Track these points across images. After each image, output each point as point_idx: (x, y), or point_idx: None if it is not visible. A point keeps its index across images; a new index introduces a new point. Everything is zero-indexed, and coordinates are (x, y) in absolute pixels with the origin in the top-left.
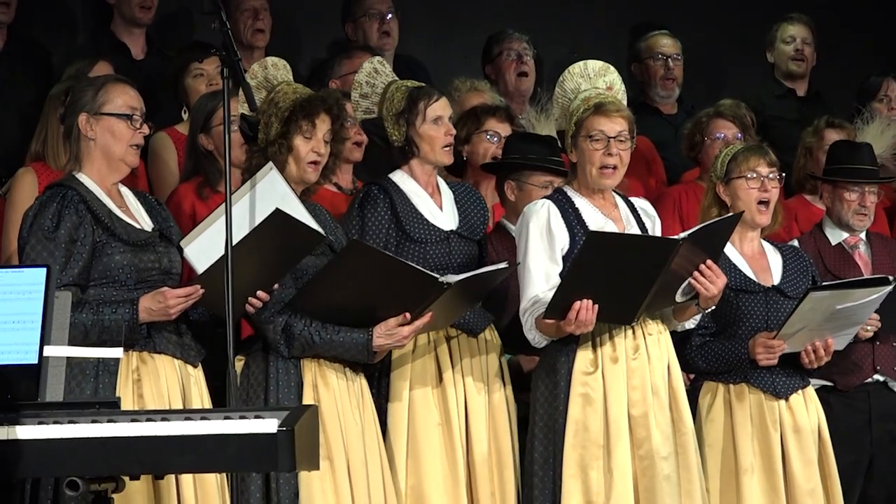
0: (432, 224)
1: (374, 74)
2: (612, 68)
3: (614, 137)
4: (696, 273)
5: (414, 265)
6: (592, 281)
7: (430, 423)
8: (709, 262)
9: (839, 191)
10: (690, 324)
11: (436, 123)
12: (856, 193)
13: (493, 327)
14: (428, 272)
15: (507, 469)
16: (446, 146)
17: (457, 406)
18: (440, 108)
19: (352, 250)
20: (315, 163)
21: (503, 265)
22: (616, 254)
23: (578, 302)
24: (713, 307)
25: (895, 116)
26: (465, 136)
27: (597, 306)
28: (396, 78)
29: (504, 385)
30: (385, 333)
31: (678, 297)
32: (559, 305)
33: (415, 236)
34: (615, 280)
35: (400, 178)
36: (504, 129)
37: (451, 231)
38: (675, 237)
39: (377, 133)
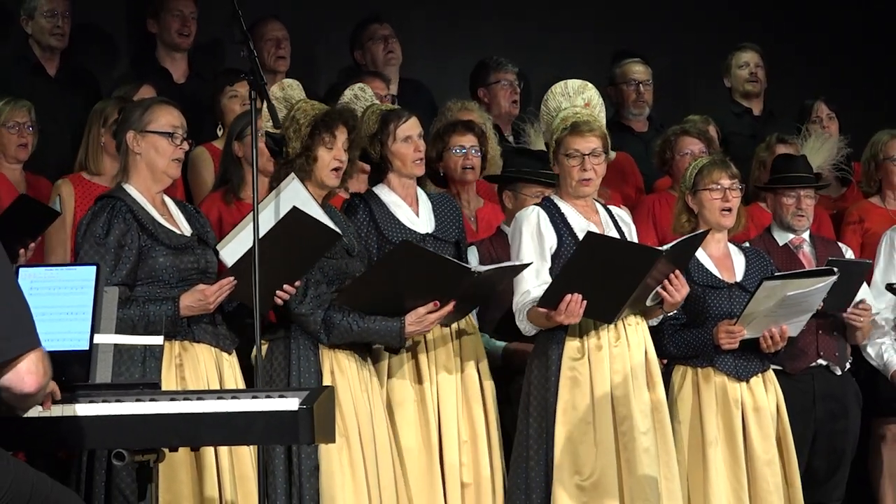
0: (409, 228)
1: (354, 100)
2: (589, 85)
3: (588, 154)
4: (665, 282)
5: (451, 258)
6: (583, 278)
7: (406, 399)
8: (676, 272)
9: (779, 197)
10: (654, 321)
11: (406, 142)
12: (792, 198)
13: (469, 319)
14: (462, 263)
15: (481, 441)
16: (417, 160)
17: (430, 385)
18: (409, 128)
19: (401, 249)
20: (337, 169)
21: (525, 262)
22: (607, 255)
23: (569, 295)
24: (675, 311)
25: (829, 133)
26: (436, 154)
27: (585, 301)
28: (376, 102)
29: (478, 367)
30: (416, 321)
31: (648, 302)
32: (552, 296)
33: (392, 239)
34: (603, 280)
35: (380, 189)
36: (468, 141)
37: (427, 234)
38: (659, 248)
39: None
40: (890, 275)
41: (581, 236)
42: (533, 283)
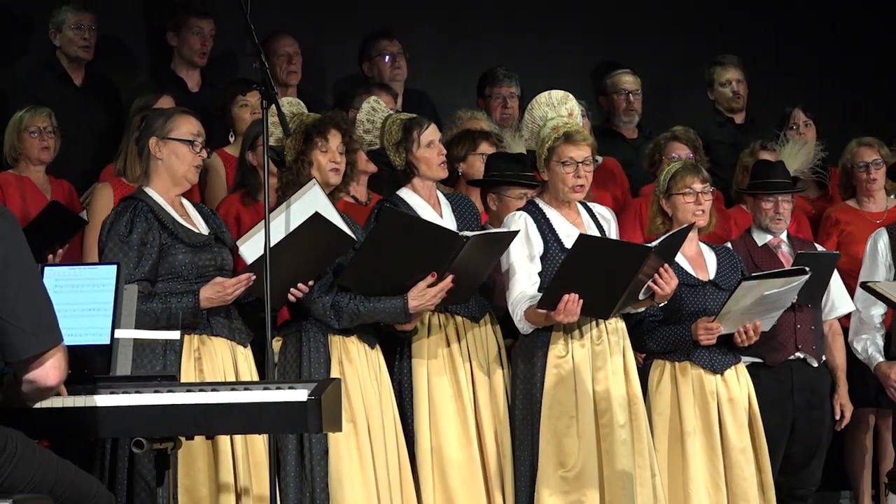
0: None
1: (372, 112)
2: (571, 96)
3: (581, 162)
4: (655, 276)
5: (437, 223)
6: (579, 278)
7: (444, 395)
8: (665, 266)
9: (758, 201)
10: (640, 309)
11: (429, 147)
12: (771, 202)
13: (491, 314)
14: (448, 228)
15: (505, 428)
16: (440, 163)
17: (465, 380)
18: (431, 133)
19: (386, 216)
20: (335, 169)
21: (514, 230)
22: (599, 255)
23: (567, 295)
24: (665, 303)
25: (807, 140)
26: (462, 154)
27: (581, 300)
28: (392, 112)
29: (501, 362)
30: (417, 295)
31: (640, 296)
32: (550, 298)
33: None
34: (597, 278)
35: (406, 194)
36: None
37: None
38: (648, 245)
39: (382, 161)
40: (874, 275)
41: (565, 240)
42: (526, 284)
